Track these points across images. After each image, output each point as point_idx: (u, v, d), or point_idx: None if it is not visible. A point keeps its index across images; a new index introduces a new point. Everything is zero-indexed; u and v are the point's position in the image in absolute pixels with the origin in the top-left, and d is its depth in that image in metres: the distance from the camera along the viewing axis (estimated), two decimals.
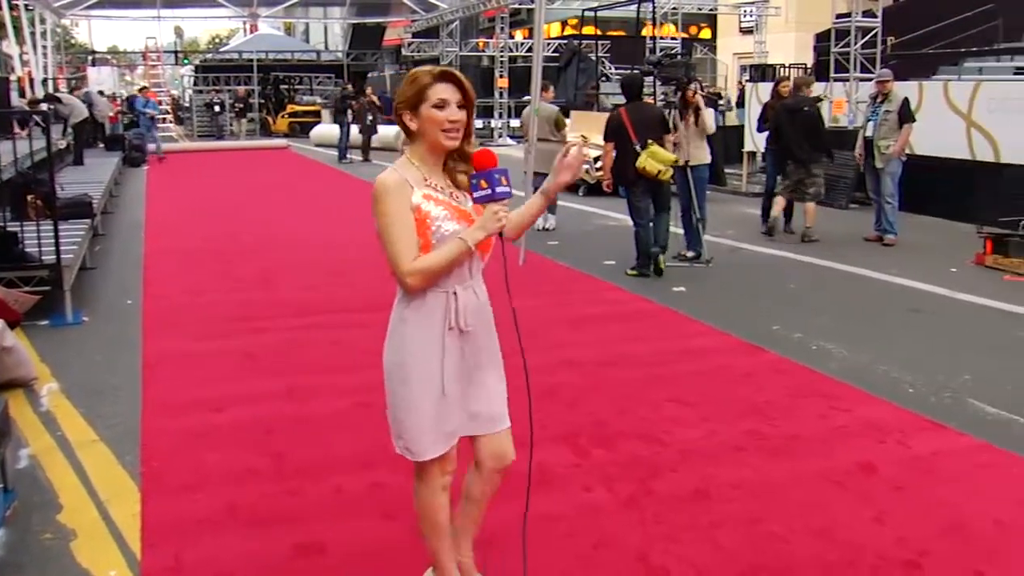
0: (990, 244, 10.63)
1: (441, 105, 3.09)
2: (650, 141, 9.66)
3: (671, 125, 10.30)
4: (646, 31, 23.63)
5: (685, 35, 36.65)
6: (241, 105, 36.62)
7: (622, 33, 33.64)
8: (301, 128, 36.86)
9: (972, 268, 10.50)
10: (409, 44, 38.68)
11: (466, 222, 3.12)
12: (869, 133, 12.19)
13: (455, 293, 3.16)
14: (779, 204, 12.45)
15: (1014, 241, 10.45)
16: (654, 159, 9.59)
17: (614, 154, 10.04)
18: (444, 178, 3.20)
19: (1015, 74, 17.36)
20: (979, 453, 5.16)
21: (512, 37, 34.78)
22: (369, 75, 42.77)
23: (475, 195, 3.07)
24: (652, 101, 10.59)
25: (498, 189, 3.03)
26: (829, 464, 4.94)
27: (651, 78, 14.77)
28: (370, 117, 25.64)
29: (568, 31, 36.49)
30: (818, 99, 12.53)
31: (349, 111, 25.53)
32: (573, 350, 7.04)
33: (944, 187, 13.86)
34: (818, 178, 12.11)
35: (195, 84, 43.50)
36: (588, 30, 28.99)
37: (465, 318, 3.19)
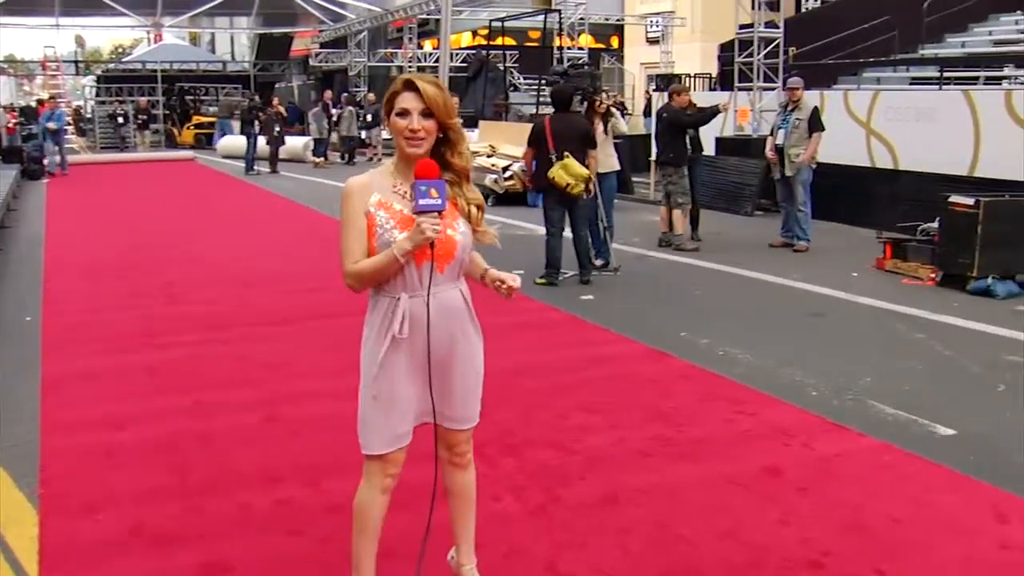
0: (889, 249, 10.89)
1: (403, 113, 3.15)
2: (566, 153, 9.71)
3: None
4: (555, 41, 23.79)
5: (602, 46, 37.08)
6: (144, 116, 35.94)
7: (534, 39, 33.81)
8: (207, 140, 36.36)
9: (873, 272, 10.75)
10: (317, 55, 38.38)
11: (411, 230, 3.14)
12: (780, 141, 12.35)
13: (398, 300, 3.19)
14: (661, 214, 12.59)
15: (912, 245, 10.72)
16: (565, 171, 9.65)
17: (534, 164, 10.12)
18: None
19: (911, 84, 17.86)
20: (879, 454, 5.28)
21: (421, 47, 34.73)
22: (277, 86, 42.38)
23: (413, 205, 3.09)
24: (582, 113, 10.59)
25: (420, 201, 3.04)
26: (735, 467, 5.01)
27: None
28: (277, 128, 25.40)
29: (477, 41, 36.57)
30: (715, 109, 12.66)
31: (256, 122, 25.25)
32: (485, 360, 7.01)
33: (846, 193, 14.15)
34: (676, 186, 12.21)
35: (97, 95, 42.60)
36: (508, 41, 29.09)
37: (402, 326, 3.19)
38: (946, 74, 16.87)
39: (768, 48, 17.38)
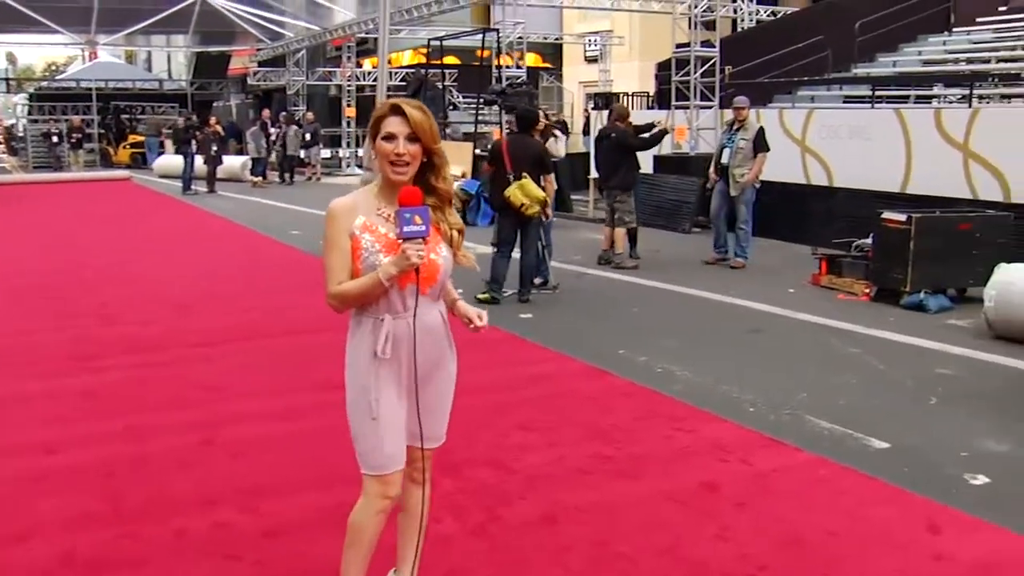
0: (825, 265, 11.04)
1: (389, 137, 3.16)
2: (524, 174, 9.79)
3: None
4: (493, 60, 23.84)
5: (546, 65, 37.25)
6: (78, 135, 35.38)
7: (477, 57, 33.90)
8: (143, 159, 35.94)
9: (809, 288, 10.88)
10: (255, 73, 38.14)
11: (395, 255, 3.15)
12: (724, 160, 12.42)
13: (382, 320, 3.22)
14: (605, 233, 12.66)
15: (846, 261, 10.88)
16: (521, 191, 9.74)
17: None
18: None
19: (844, 102, 18.16)
20: (815, 468, 5.34)
21: (360, 66, 34.64)
22: (214, 104, 42.02)
23: (398, 232, 3.11)
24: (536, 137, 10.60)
25: (405, 228, 3.07)
26: (673, 484, 5.04)
27: (495, 107, 14.92)
28: (215, 147, 25.16)
29: (416, 59, 36.57)
30: (663, 131, 12.77)
31: (193, 141, 25.01)
32: None
33: (782, 210, 14.31)
34: (623, 204, 12.31)
35: (30, 113, 41.94)
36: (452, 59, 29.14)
37: (385, 346, 3.22)
38: (878, 93, 17.20)
39: (705, 67, 17.57)
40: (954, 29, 22.50)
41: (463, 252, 3.41)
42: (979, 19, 22.10)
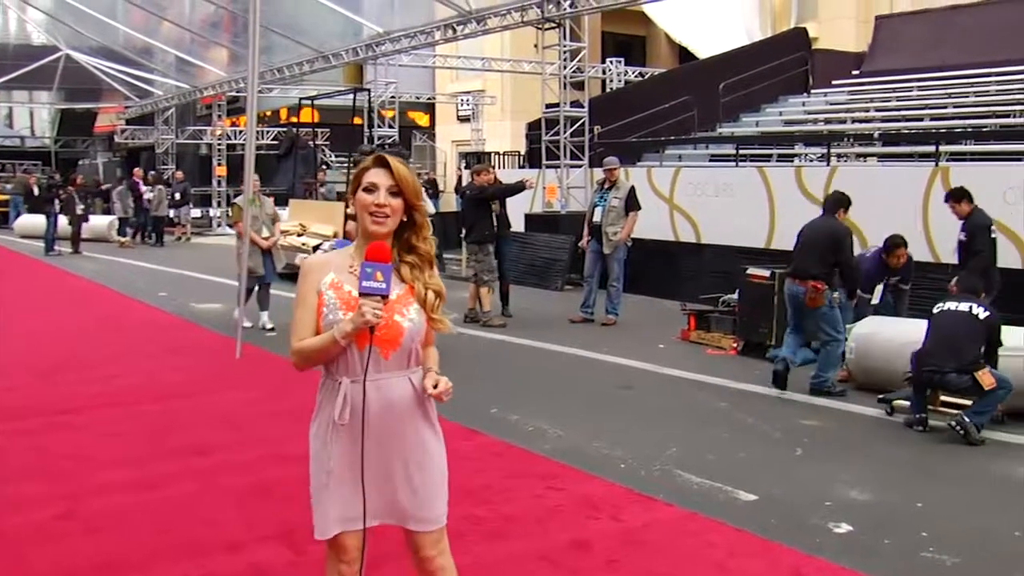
0: (693, 320, 11.27)
1: (370, 189, 3.10)
2: None
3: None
4: (365, 119, 23.90)
5: (416, 123, 37.36)
6: None
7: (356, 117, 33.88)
8: (3, 218, 34.79)
9: (678, 344, 11.08)
10: (123, 131, 37.39)
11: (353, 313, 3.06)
12: (597, 219, 12.54)
13: (340, 383, 3.14)
14: (471, 291, 12.70)
15: (714, 317, 11.13)
16: None
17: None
18: None
19: (710, 161, 18.67)
20: (685, 522, 5.41)
21: (236, 124, 34.24)
22: (80, 162, 41.01)
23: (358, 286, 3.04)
24: None
25: (364, 283, 2.99)
26: (545, 543, 5.04)
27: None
28: (80, 207, 24.51)
29: (291, 118, 36.37)
30: (520, 184, 12.85)
31: (56, 200, 24.31)
32: (289, 444, 6.84)
33: (652, 267, 14.56)
34: (481, 263, 12.38)
35: None
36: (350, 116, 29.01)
37: (343, 411, 3.12)
38: (742, 152, 17.73)
39: (574, 127, 17.87)
40: (812, 91, 23.46)
41: (439, 317, 3.26)
42: (835, 81, 23.07)
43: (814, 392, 8.53)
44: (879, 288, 9.61)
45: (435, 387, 3.14)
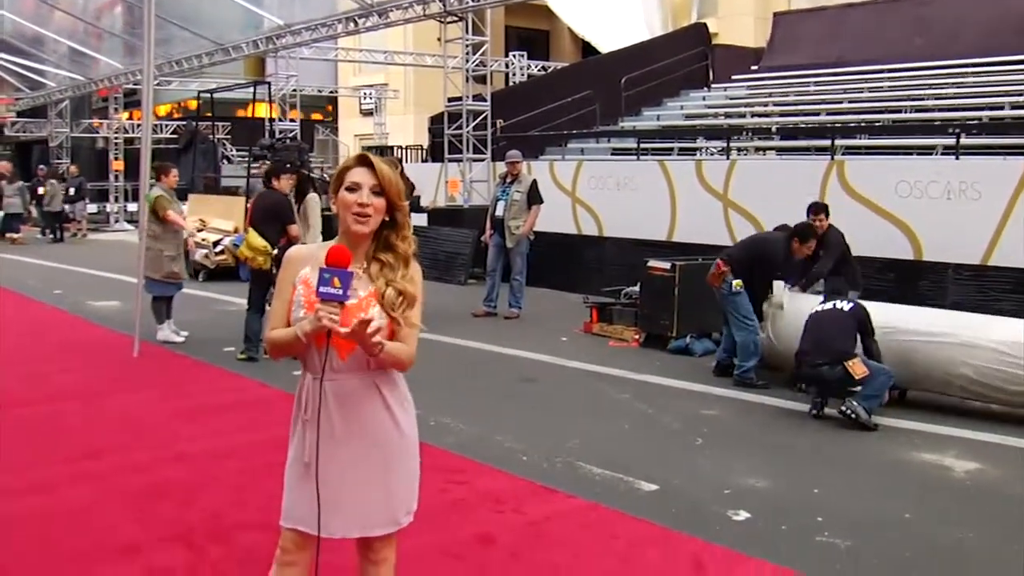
0: (596, 313, 11.33)
1: (353, 188, 3.07)
2: (249, 227, 9.68)
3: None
4: (264, 113, 23.59)
5: (317, 117, 36.99)
6: None
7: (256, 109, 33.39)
8: None
9: (581, 336, 11.13)
10: (13, 124, 36.33)
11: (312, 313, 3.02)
12: (499, 213, 12.54)
13: (307, 380, 3.17)
14: None
15: (616, 309, 11.21)
16: (246, 246, 9.61)
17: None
18: (360, 264, 3.12)
19: (612, 154, 18.80)
20: (587, 513, 5.43)
21: (132, 118, 33.50)
22: None
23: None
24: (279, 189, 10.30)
25: (320, 289, 2.92)
26: (449, 537, 5.01)
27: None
28: None
29: (192, 109, 35.72)
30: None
31: None
32: (185, 444, 6.72)
33: (554, 260, 14.60)
34: None
35: None
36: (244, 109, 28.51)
37: (306, 407, 3.15)
38: (644, 145, 17.89)
39: (477, 120, 17.86)
40: (712, 86, 23.78)
41: (403, 318, 3.18)
42: (734, 76, 23.42)
43: (738, 384, 8.63)
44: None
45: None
